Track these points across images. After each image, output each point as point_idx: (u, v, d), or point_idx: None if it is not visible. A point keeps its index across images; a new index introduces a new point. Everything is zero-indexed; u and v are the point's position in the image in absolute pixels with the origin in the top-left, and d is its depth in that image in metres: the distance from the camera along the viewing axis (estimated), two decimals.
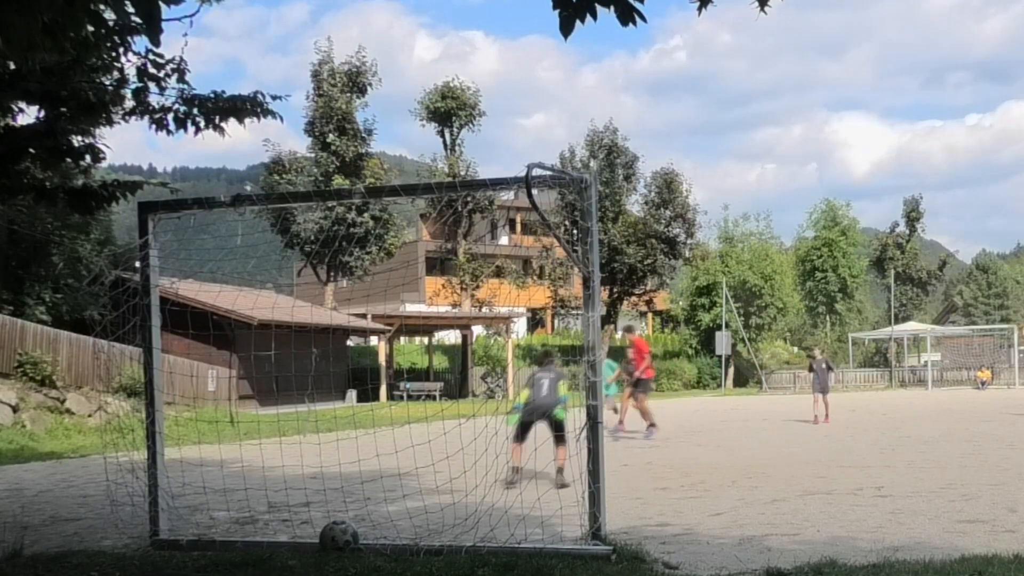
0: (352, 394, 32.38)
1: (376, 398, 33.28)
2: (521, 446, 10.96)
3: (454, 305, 46.84)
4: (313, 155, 42.81)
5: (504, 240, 63.08)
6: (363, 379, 34.23)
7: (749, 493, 10.32)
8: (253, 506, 9.36)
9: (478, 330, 48.66)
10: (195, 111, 8.67)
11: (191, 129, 8.69)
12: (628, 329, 20.07)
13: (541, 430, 11.10)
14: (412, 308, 50.36)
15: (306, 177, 41.77)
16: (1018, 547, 6.62)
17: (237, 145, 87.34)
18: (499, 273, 47.20)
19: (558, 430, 10.91)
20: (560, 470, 10.52)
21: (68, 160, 9.52)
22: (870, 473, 11.89)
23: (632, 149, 46.77)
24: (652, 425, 17.75)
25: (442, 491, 9.67)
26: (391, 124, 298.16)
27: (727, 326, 44.87)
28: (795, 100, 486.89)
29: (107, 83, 8.61)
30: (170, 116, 8.69)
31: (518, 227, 63.96)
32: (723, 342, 44.27)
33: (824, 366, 22.53)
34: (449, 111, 45.35)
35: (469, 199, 44.05)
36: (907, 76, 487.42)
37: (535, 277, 50.35)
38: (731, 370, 47.47)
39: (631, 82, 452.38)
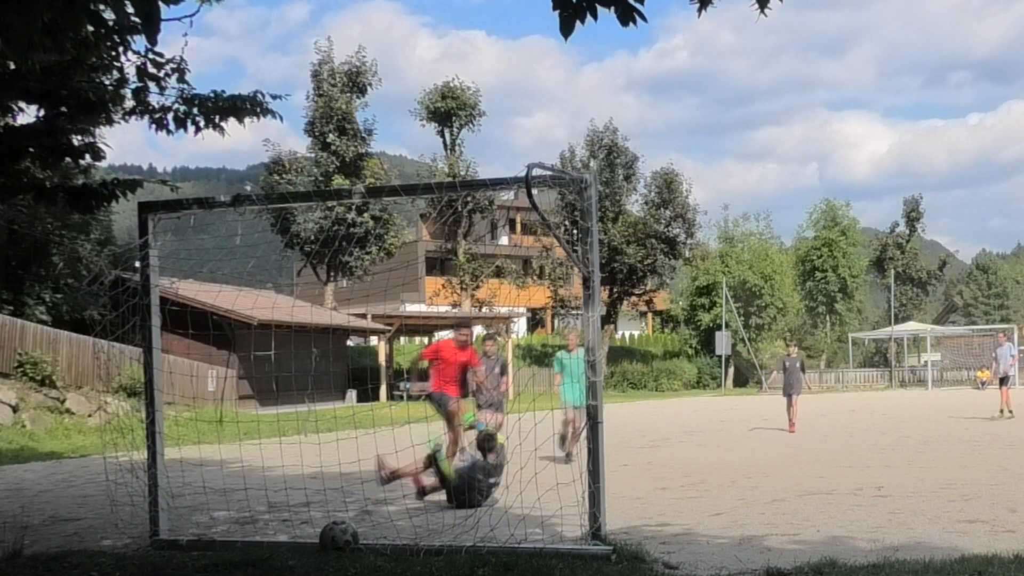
0: (352, 394, 32.38)
1: (376, 398, 33.28)
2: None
3: (454, 305, 46.79)
4: (313, 155, 42.78)
5: (504, 240, 62.98)
6: (363, 379, 34.22)
7: (749, 493, 10.32)
8: (253, 506, 9.36)
9: (478, 330, 48.54)
10: (195, 111, 8.66)
11: (191, 129, 8.67)
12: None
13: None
14: (412, 308, 50.29)
15: (306, 177, 41.75)
16: (1018, 547, 6.61)
17: (237, 145, 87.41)
18: (499, 273, 47.12)
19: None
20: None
21: (68, 159, 9.51)
22: (870, 473, 11.88)
23: (632, 149, 46.74)
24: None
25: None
26: (391, 124, 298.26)
27: (727, 326, 44.88)
28: (796, 100, 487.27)
29: (107, 83, 8.60)
30: (170, 116, 8.68)
31: (518, 227, 63.89)
32: (723, 342, 44.28)
33: (797, 366, 20.90)
34: (449, 111, 45.30)
35: (469, 199, 44.00)
36: (908, 76, 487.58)
37: (535, 277, 50.28)
38: (731, 370, 47.49)
39: (632, 82, 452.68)
